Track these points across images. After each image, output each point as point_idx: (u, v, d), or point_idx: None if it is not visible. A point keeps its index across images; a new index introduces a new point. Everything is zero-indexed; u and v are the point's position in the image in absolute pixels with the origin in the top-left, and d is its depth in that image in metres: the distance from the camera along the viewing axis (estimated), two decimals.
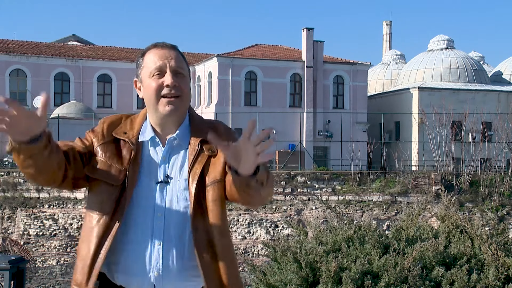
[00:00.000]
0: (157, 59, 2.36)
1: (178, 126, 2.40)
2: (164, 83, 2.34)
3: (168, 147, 2.38)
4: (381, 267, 4.84)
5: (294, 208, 22.45)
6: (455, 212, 5.62)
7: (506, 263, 4.86)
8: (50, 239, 22.72)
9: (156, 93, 2.34)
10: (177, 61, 2.38)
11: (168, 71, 2.35)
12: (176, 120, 2.39)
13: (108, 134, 2.40)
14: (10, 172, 24.41)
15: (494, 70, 41.83)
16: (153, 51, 2.39)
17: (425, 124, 27.35)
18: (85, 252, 2.31)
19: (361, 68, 37.82)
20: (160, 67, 2.35)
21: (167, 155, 2.37)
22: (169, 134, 2.39)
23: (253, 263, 5.55)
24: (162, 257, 2.27)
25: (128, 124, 2.43)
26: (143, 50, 2.45)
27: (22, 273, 6.20)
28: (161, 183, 2.33)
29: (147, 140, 2.39)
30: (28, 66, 37.28)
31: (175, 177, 2.34)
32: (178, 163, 2.37)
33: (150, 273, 2.27)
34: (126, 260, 2.29)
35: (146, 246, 2.27)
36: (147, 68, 2.38)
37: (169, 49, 2.40)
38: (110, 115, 2.50)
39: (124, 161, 2.34)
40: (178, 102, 2.35)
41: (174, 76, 2.35)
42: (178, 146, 2.39)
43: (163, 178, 2.34)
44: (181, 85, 2.36)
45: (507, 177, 22.33)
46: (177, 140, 2.39)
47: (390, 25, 53.02)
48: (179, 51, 2.44)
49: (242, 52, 37.37)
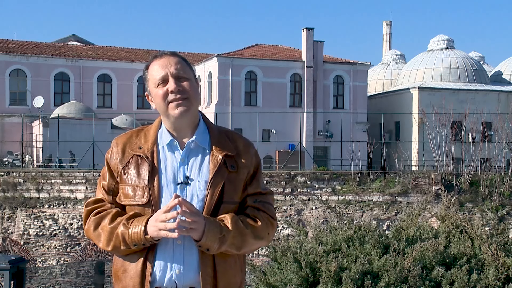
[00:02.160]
0: (158, 69, 2.51)
1: (193, 128, 2.55)
2: (169, 90, 2.47)
3: (186, 149, 2.51)
4: (381, 267, 4.84)
5: (294, 208, 22.45)
6: (455, 212, 5.62)
7: (506, 263, 4.85)
8: (50, 239, 22.71)
9: (163, 100, 2.49)
10: (177, 66, 2.51)
11: (170, 78, 2.49)
12: (189, 121, 2.53)
13: (126, 154, 2.54)
14: (10, 172, 24.40)
15: (494, 70, 41.83)
16: (154, 63, 2.54)
17: (425, 124, 27.35)
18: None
19: (361, 68, 37.82)
20: (162, 77, 2.50)
21: (185, 157, 2.51)
22: (185, 136, 2.54)
23: (253, 263, 5.55)
24: (184, 254, 2.41)
25: (142, 138, 2.57)
26: (147, 63, 2.59)
27: (22, 273, 6.20)
28: (181, 184, 2.46)
29: (165, 144, 2.53)
30: (28, 66, 37.27)
31: (195, 178, 2.47)
32: (197, 165, 2.50)
33: (171, 270, 2.41)
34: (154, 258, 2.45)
35: (170, 245, 2.42)
36: (152, 80, 2.53)
37: (168, 57, 2.54)
38: (120, 135, 2.63)
39: (144, 178, 2.48)
40: (186, 102, 2.49)
41: (176, 81, 2.49)
42: (196, 149, 2.53)
43: (183, 179, 2.47)
44: (185, 87, 2.49)
45: (507, 177, 22.32)
46: (195, 143, 2.52)
47: (390, 25, 53.01)
48: (179, 56, 2.57)
49: (242, 52, 37.37)
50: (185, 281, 2.41)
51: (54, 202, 23.08)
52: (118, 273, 2.48)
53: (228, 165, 2.50)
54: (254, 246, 2.51)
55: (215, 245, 2.38)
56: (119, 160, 2.53)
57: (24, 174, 23.90)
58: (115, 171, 2.53)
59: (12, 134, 32.30)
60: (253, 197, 2.55)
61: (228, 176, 2.49)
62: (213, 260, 2.43)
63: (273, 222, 2.56)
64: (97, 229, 2.47)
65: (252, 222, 2.48)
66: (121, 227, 2.41)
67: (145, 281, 2.41)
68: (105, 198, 2.54)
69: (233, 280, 2.49)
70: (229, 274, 2.48)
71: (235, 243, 2.43)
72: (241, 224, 2.44)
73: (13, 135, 31.93)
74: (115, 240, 2.41)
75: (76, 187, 23.17)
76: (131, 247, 2.39)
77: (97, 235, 2.47)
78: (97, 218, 2.48)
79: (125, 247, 2.40)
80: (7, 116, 34.67)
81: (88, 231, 2.51)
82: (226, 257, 2.45)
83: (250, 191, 2.55)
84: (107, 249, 2.45)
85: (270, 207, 2.58)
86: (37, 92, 36.43)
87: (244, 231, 2.44)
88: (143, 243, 2.37)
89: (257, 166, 2.60)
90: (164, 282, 2.41)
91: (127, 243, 2.39)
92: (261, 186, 2.60)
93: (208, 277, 2.42)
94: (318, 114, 36.29)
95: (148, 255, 2.42)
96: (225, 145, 2.53)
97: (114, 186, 2.53)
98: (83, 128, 30.01)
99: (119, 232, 2.40)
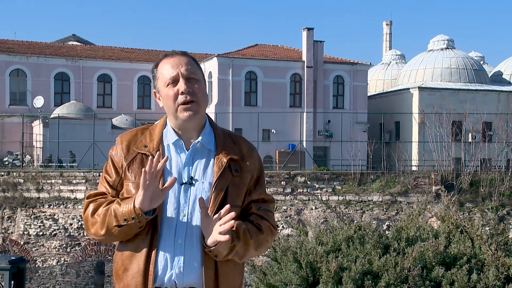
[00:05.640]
0: (169, 68, 2.51)
1: (198, 129, 2.55)
2: (179, 91, 2.47)
3: (192, 150, 2.52)
4: (381, 267, 4.84)
5: (294, 208, 22.45)
6: (455, 212, 5.62)
7: (506, 263, 4.85)
8: (50, 239, 22.71)
9: (173, 101, 2.48)
10: (188, 67, 2.51)
11: (180, 78, 2.49)
12: (196, 123, 2.53)
13: (130, 152, 2.53)
14: (10, 172, 24.40)
15: (494, 70, 41.82)
16: (165, 61, 2.53)
17: (425, 124, 27.34)
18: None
19: (361, 68, 37.82)
20: (173, 76, 2.49)
21: (190, 158, 2.51)
22: (191, 137, 2.54)
23: (253, 263, 5.55)
24: (184, 254, 2.41)
25: (147, 137, 2.56)
26: (156, 61, 2.59)
27: (22, 273, 6.20)
28: (185, 184, 2.47)
29: (170, 143, 2.53)
30: (28, 66, 37.26)
31: (200, 179, 2.48)
32: (202, 166, 2.51)
33: (171, 270, 2.40)
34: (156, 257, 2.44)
35: (170, 244, 2.42)
36: (162, 79, 2.52)
37: (179, 56, 2.53)
38: (125, 133, 2.62)
39: None
40: (194, 106, 2.49)
41: (187, 82, 2.49)
42: (201, 150, 2.53)
43: (187, 179, 2.47)
44: (194, 90, 2.49)
45: (507, 177, 22.33)
46: (201, 144, 2.53)
47: (390, 25, 53.01)
48: (189, 56, 2.57)
49: (242, 52, 37.37)
50: (185, 281, 2.40)
51: (54, 202, 23.08)
52: (119, 272, 2.47)
53: (233, 169, 2.50)
54: (253, 255, 2.54)
55: (224, 253, 2.39)
56: (123, 156, 2.53)
57: (24, 174, 23.90)
58: (120, 167, 2.53)
59: (12, 134, 32.30)
60: (257, 204, 2.56)
61: (232, 179, 2.49)
62: (215, 263, 2.43)
63: (274, 231, 2.58)
64: (94, 215, 2.45)
65: (256, 231, 2.50)
66: (114, 204, 2.41)
67: (147, 280, 2.40)
68: (108, 192, 2.53)
69: (233, 283, 2.50)
70: (230, 277, 2.48)
71: (240, 252, 2.44)
72: (248, 234, 2.45)
73: (13, 135, 31.93)
74: (108, 218, 2.39)
75: (76, 187, 23.17)
76: (122, 223, 2.36)
77: (93, 222, 2.45)
78: (96, 204, 2.47)
79: (116, 223, 2.36)
80: (7, 116, 34.66)
81: (86, 218, 2.49)
82: (227, 260, 2.46)
83: (255, 196, 2.56)
84: (100, 233, 2.42)
85: (271, 216, 2.60)
86: (37, 92, 36.43)
87: (249, 241, 2.45)
88: (132, 216, 2.33)
89: (261, 171, 2.61)
90: (164, 281, 2.40)
91: (118, 218, 2.36)
92: (265, 192, 2.62)
93: (210, 280, 2.42)
94: (318, 114, 36.29)
95: (149, 253, 2.41)
96: (230, 148, 2.54)
97: (118, 182, 2.53)
98: (83, 128, 30.00)
99: (112, 208, 2.39)
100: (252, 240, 2.46)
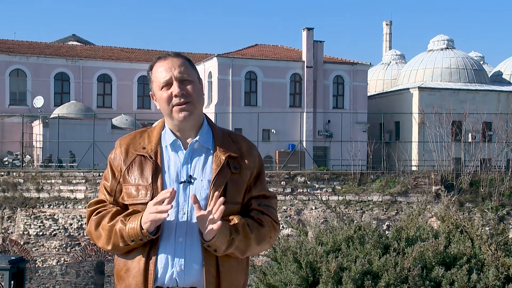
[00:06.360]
0: (163, 71, 2.52)
1: (196, 129, 2.56)
2: (173, 94, 2.48)
3: (189, 149, 2.53)
4: (381, 267, 4.84)
5: (294, 208, 22.45)
6: (455, 212, 5.61)
7: (506, 263, 4.85)
8: (50, 239, 22.71)
9: (167, 104, 2.50)
10: (181, 69, 2.52)
11: (174, 81, 2.50)
12: (192, 123, 2.54)
13: (129, 154, 2.55)
14: (10, 172, 24.40)
15: (494, 70, 41.82)
16: (159, 64, 2.55)
17: (425, 124, 27.35)
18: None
19: (361, 68, 37.82)
20: (166, 80, 2.51)
21: (189, 157, 2.52)
22: (188, 137, 2.55)
23: (253, 263, 5.55)
24: (185, 253, 2.41)
25: (146, 139, 2.58)
26: (151, 64, 2.60)
27: (22, 273, 6.20)
28: (184, 183, 2.48)
29: (168, 144, 2.54)
30: (28, 66, 37.27)
31: (198, 177, 2.49)
32: (200, 164, 2.52)
33: (172, 268, 2.41)
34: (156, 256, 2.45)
35: (171, 243, 2.42)
36: (156, 82, 2.54)
37: (172, 58, 2.54)
38: (124, 136, 2.65)
39: (148, 177, 2.49)
40: (189, 107, 2.50)
41: (180, 85, 2.49)
42: (199, 149, 2.54)
43: (186, 178, 2.48)
44: (188, 91, 2.50)
45: (507, 177, 22.33)
46: (199, 143, 2.53)
47: (390, 25, 53.02)
48: (183, 57, 2.57)
49: (242, 52, 37.37)
50: (186, 279, 2.41)
51: (54, 202, 23.08)
52: (121, 273, 2.48)
53: (231, 166, 2.51)
54: (256, 251, 2.53)
55: (223, 247, 2.39)
56: (122, 160, 2.54)
57: (24, 174, 23.91)
58: (118, 171, 2.54)
59: (12, 134, 32.29)
60: (258, 200, 2.56)
61: (231, 177, 2.50)
62: (216, 261, 2.43)
63: (276, 226, 2.57)
64: (98, 228, 2.48)
65: (257, 225, 2.49)
66: (119, 224, 2.42)
67: (148, 279, 2.41)
68: (106, 199, 2.55)
69: (236, 281, 2.50)
70: (232, 275, 2.48)
71: (240, 247, 2.44)
72: (248, 229, 2.45)
73: (13, 135, 31.92)
74: (114, 237, 2.42)
75: (76, 187, 23.17)
76: (129, 244, 2.40)
77: (98, 235, 2.48)
78: (98, 218, 2.49)
79: (123, 243, 2.40)
80: (7, 116, 34.66)
81: (90, 231, 2.52)
82: (229, 258, 2.46)
83: (255, 193, 2.56)
84: (107, 248, 2.46)
85: (273, 211, 2.59)
86: (37, 92, 36.43)
87: (249, 236, 2.45)
88: (140, 238, 2.37)
89: (260, 168, 2.61)
90: (165, 280, 2.41)
91: (125, 239, 2.39)
92: (265, 188, 2.61)
93: (211, 277, 2.42)
94: (318, 114, 36.30)
95: (150, 253, 2.42)
96: (228, 146, 2.55)
97: (116, 187, 2.54)
98: (83, 128, 30.00)
99: (117, 228, 2.41)
100: (253, 234, 2.45)
